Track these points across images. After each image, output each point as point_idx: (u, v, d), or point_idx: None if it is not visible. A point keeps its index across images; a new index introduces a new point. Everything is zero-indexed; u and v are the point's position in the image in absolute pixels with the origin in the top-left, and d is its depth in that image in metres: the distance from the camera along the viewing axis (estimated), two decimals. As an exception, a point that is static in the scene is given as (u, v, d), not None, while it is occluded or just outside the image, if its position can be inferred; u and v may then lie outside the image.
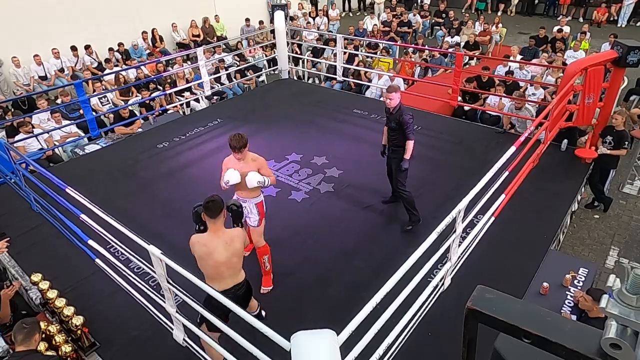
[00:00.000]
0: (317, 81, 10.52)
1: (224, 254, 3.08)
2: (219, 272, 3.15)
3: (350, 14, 17.33)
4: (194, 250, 3.11)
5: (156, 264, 3.10)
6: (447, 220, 3.34)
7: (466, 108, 7.85)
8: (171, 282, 3.18)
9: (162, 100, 8.54)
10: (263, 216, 4.12)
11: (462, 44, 11.32)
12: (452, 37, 11.72)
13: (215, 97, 9.11)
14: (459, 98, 7.65)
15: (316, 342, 2.15)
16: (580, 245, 5.56)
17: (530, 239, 4.67)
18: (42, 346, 3.36)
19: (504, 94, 7.40)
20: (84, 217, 3.92)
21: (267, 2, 14.25)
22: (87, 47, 10.37)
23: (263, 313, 3.81)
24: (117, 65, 10.16)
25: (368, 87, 9.07)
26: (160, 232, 4.92)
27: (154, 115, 8.04)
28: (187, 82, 8.91)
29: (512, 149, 4.12)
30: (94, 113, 7.44)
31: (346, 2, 17.60)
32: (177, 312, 3.32)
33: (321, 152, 6.52)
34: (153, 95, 8.50)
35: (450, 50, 9.93)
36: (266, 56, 10.66)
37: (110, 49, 10.47)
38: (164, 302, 3.41)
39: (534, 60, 9.32)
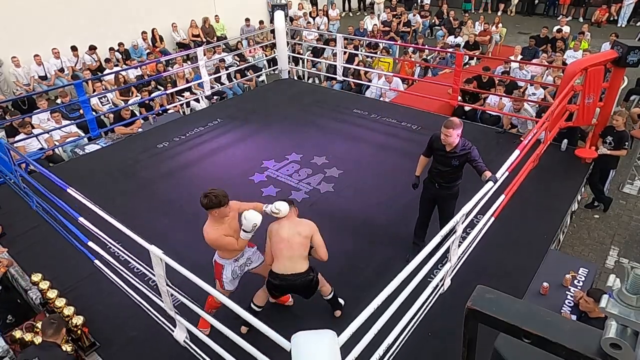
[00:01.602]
0: (317, 81, 10.52)
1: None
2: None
3: (350, 14, 17.34)
4: None
5: (156, 264, 3.09)
6: (450, 224, 3.33)
7: (466, 108, 7.85)
8: (170, 284, 3.17)
9: (162, 100, 8.54)
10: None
11: (462, 44, 11.32)
12: (455, 37, 11.74)
13: (215, 97, 9.12)
14: (459, 98, 7.65)
15: (316, 342, 2.15)
16: (580, 245, 5.56)
17: (530, 239, 4.67)
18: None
19: (504, 94, 7.40)
20: (82, 219, 3.91)
21: (267, 2, 14.26)
22: (91, 48, 10.37)
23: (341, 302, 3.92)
24: (117, 65, 10.16)
25: (368, 87, 9.07)
26: (160, 232, 4.92)
27: (154, 115, 8.04)
28: (187, 82, 8.91)
29: (517, 152, 4.09)
30: (94, 113, 7.44)
31: (346, 2, 17.60)
32: (176, 313, 3.32)
33: (321, 152, 6.52)
34: (153, 95, 8.50)
35: (450, 50, 9.93)
36: (266, 56, 10.66)
37: (111, 49, 10.47)
38: (163, 302, 3.41)
39: (534, 60, 9.32)
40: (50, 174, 4.26)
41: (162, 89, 8.70)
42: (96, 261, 4.29)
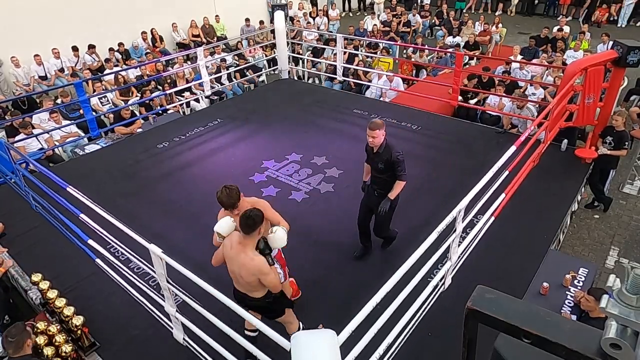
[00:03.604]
0: (317, 81, 10.52)
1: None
2: None
3: (350, 14, 17.33)
4: None
5: (157, 263, 3.11)
6: (448, 220, 3.34)
7: (467, 106, 7.85)
8: (170, 281, 3.19)
9: (162, 100, 8.54)
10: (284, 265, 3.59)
11: (462, 44, 11.32)
12: (454, 37, 11.74)
13: (215, 97, 9.12)
14: (459, 98, 7.65)
15: (316, 342, 2.15)
16: (580, 245, 5.56)
17: (530, 239, 4.67)
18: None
19: (504, 94, 7.40)
20: (83, 216, 3.92)
21: (267, 2, 14.26)
22: (90, 47, 10.36)
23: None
24: (117, 65, 10.16)
25: (368, 87, 9.07)
26: (160, 231, 4.92)
27: (154, 116, 8.04)
28: (187, 82, 8.91)
29: (513, 148, 4.12)
30: (94, 113, 7.43)
31: (346, 2, 17.60)
32: (177, 311, 3.33)
33: (321, 152, 6.52)
34: (153, 95, 8.50)
35: (450, 50, 9.93)
36: (266, 56, 10.66)
37: (111, 49, 10.47)
38: (164, 301, 3.42)
39: (534, 60, 9.32)
40: (50, 173, 4.27)
41: (161, 89, 8.71)
42: (97, 260, 4.30)
